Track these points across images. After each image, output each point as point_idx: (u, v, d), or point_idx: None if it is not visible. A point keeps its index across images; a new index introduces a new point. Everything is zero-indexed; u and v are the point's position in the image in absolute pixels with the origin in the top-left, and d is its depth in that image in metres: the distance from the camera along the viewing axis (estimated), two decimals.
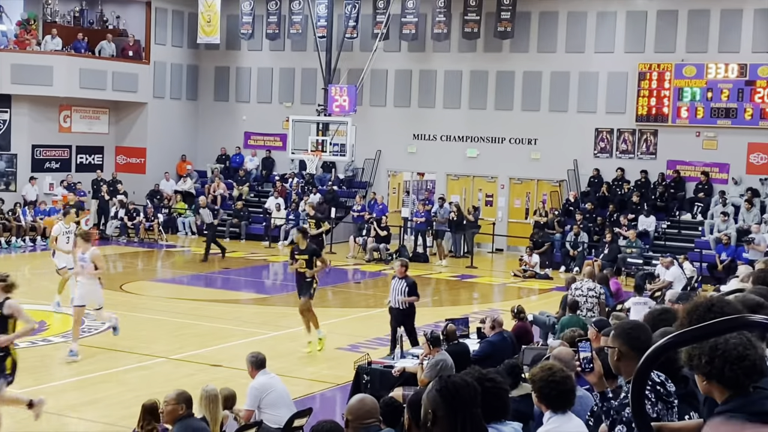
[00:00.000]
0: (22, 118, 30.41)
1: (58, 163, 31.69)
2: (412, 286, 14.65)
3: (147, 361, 14.75)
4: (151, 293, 21.46)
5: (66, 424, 11.57)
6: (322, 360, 15.18)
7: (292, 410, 10.18)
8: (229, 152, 34.29)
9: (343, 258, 27.81)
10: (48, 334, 16.55)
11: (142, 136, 33.29)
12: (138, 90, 32.61)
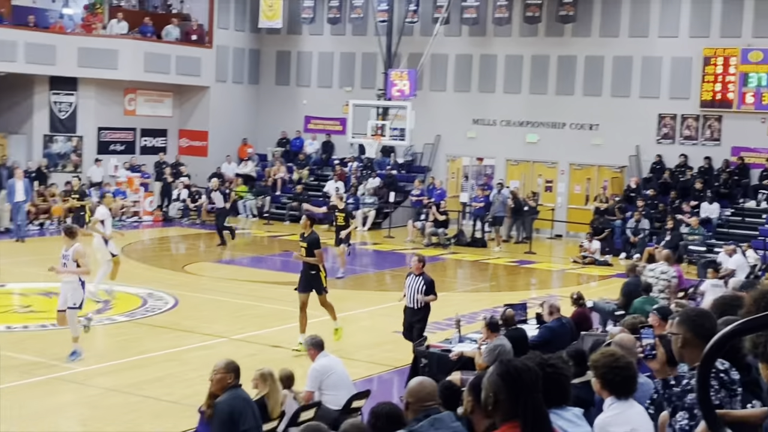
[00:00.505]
0: (88, 101, 30.94)
1: (122, 146, 32.20)
2: (430, 284, 13.61)
3: (209, 341, 14.97)
4: (212, 274, 21.74)
5: (131, 402, 11.82)
6: (381, 343, 15.26)
7: (352, 392, 10.28)
8: (289, 136, 34.51)
9: (401, 242, 27.87)
10: (112, 313, 16.86)
11: (205, 120, 33.67)
12: (201, 74, 32.97)
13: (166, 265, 22.93)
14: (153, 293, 18.57)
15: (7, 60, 28.15)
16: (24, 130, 30.61)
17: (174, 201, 31.15)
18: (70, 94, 30.68)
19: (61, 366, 13.15)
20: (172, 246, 26.84)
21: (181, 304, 17.79)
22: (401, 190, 31.17)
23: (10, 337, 14.80)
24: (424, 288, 13.47)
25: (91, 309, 16.84)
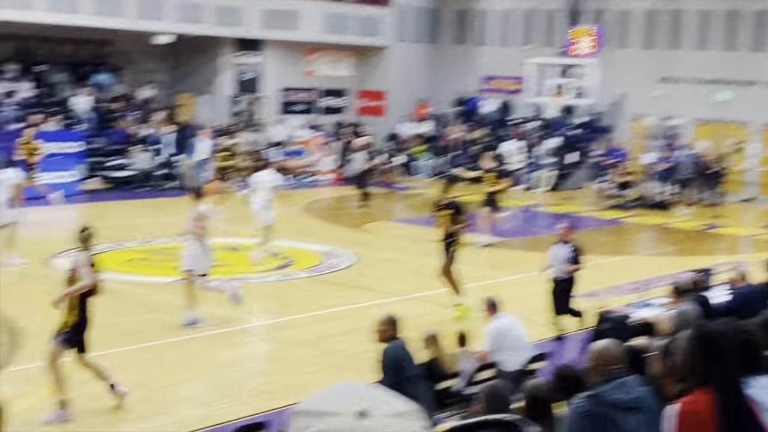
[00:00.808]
0: (272, 62, 31.69)
1: (304, 106, 32.86)
2: (578, 252, 12.90)
3: (385, 299, 15.10)
4: (389, 233, 21.94)
5: (311, 356, 12.06)
6: None
7: (529, 353, 10.14)
8: (466, 95, 34.30)
9: (580, 204, 27.30)
10: (293, 269, 17.26)
11: (383, 80, 33.88)
12: (380, 34, 33.14)
13: (346, 223, 23.29)
14: (333, 251, 18.91)
15: (195, 22, 29.12)
16: (210, 91, 31.67)
17: (353, 160, 31.53)
18: (255, 55, 31.49)
19: (244, 319, 13.57)
20: (350, 205, 27.22)
21: (360, 262, 18.03)
22: (581, 150, 30.48)
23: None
24: (571, 257, 12.83)
25: (273, 265, 17.33)
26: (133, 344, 12.07)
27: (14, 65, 28.65)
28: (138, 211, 23.44)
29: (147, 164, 27.02)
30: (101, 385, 9.84)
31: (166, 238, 19.15)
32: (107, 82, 29.98)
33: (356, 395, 1.73)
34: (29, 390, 10.14)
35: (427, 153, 32.47)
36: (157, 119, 29.32)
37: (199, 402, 10.15)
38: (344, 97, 34.07)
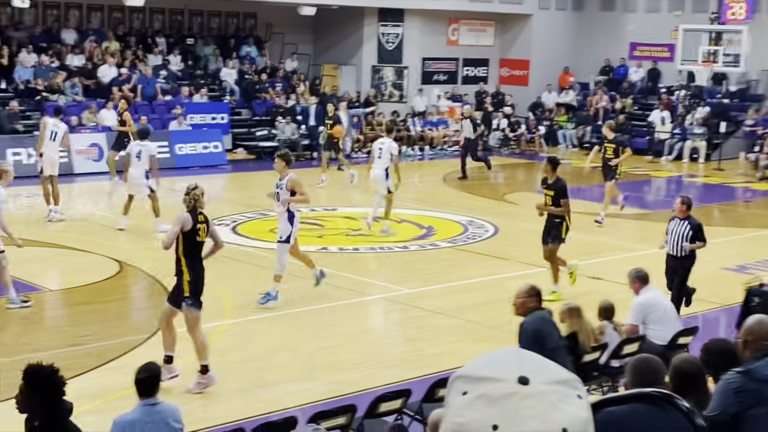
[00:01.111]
0: (413, 32, 31.67)
1: (445, 76, 32.77)
2: (697, 229, 11.99)
3: (529, 270, 14.96)
4: (531, 203, 21.63)
5: (453, 325, 12.09)
6: (708, 279, 14.54)
7: (677, 328, 9.88)
8: (613, 63, 33.49)
9: (732, 175, 26.35)
10: (435, 238, 17.30)
11: (526, 49, 33.42)
12: (524, 2, 32.67)
13: (486, 194, 23.16)
14: (474, 221, 18.85)
15: None
16: (354, 62, 31.93)
17: (494, 131, 31.34)
18: (397, 26, 31.55)
19: (389, 287, 13.69)
20: (491, 175, 27.04)
21: (501, 233, 17.92)
22: (733, 119, 29.37)
23: (342, 258, 15.61)
24: (690, 234, 11.88)
25: (415, 234, 17.37)
26: (277, 311, 12.34)
27: (164, 39, 29.58)
28: None
29: (291, 135, 27.50)
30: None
31: (308, 209, 19.46)
32: (253, 54, 30.62)
33: (517, 361, 1.69)
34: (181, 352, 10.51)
35: (570, 122, 31.92)
36: (301, 90, 29.79)
37: (344, 368, 10.31)
38: (486, 67, 33.79)
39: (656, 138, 29.65)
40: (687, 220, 12.00)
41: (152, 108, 26.61)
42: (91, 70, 26.78)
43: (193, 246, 9.45)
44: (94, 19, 28.94)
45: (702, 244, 12.02)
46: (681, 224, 11.99)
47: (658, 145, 29.53)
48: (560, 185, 13.27)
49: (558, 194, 13.18)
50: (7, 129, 23.23)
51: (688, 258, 12.01)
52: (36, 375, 5.49)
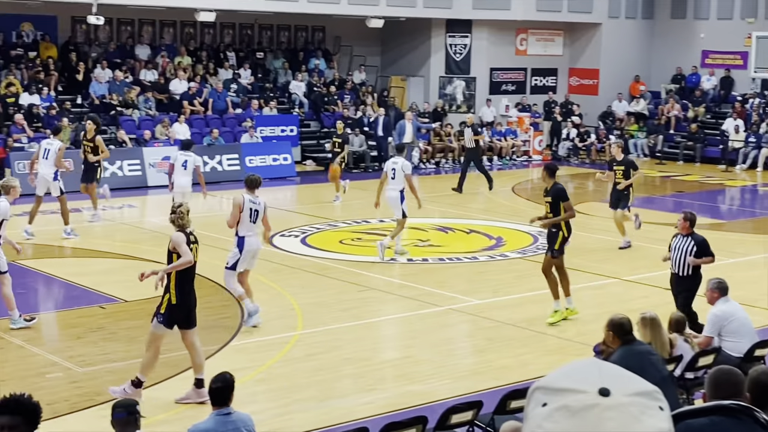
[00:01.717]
0: (481, 43, 31.62)
1: (513, 86, 32.64)
2: (702, 244, 11.25)
3: (600, 281, 14.84)
4: (601, 214, 21.45)
5: (523, 337, 12.00)
6: None
7: (754, 339, 9.68)
8: (684, 72, 33.02)
9: None
10: (504, 249, 17.21)
11: (596, 57, 33.13)
12: (593, 11, 32.41)
13: None
14: (543, 231, 18.69)
15: (407, 5, 29.45)
16: (422, 73, 31.99)
17: (563, 140, 31.13)
18: (465, 36, 31.53)
19: (459, 298, 13.66)
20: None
21: (571, 243, 17.73)
22: None
23: (411, 269, 15.61)
24: (695, 251, 11.16)
25: (483, 245, 17.30)
26: (349, 321, 12.40)
27: (234, 53, 29.99)
28: (349, 192, 24.00)
29: (359, 146, 27.64)
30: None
31: (376, 219, 19.56)
32: (321, 67, 30.87)
33: (597, 373, 1.69)
34: (254, 363, 10.62)
35: (642, 131, 31.54)
36: (369, 102, 29.92)
37: (414, 379, 10.31)
38: (555, 76, 33.58)
39: (730, 147, 29.14)
40: (691, 237, 11.31)
41: (223, 121, 26.98)
42: (164, 85, 27.27)
43: (184, 268, 9.29)
44: (166, 34, 29.47)
45: (709, 259, 11.36)
46: (684, 241, 11.31)
47: (732, 154, 29.02)
48: (556, 189, 12.33)
49: (556, 199, 12.25)
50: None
51: (692, 278, 11.27)
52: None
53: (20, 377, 9.82)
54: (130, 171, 23.38)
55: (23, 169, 22.02)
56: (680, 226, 11.44)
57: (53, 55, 26.82)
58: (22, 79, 25.51)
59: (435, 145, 29.01)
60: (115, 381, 9.82)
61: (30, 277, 14.35)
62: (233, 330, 11.79)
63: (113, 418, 6.07)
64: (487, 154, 29.69)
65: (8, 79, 25.11)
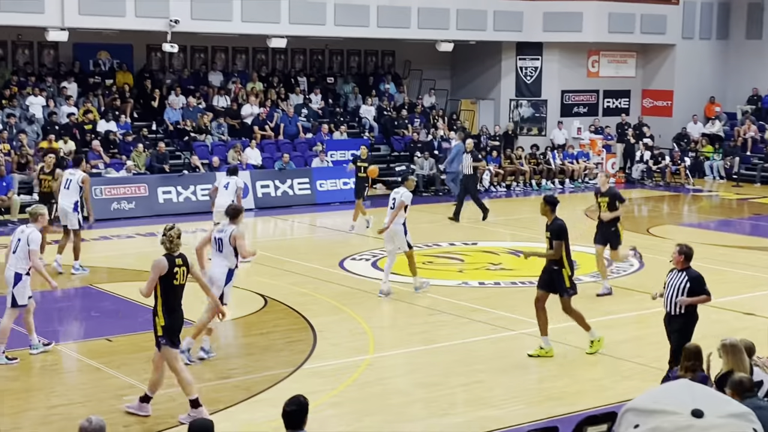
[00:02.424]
0: (552, 65, 31.46)
1: (585, 108, 32.38)
2: (697, 281, 10.30)
3: None
4: (677, 237, 21.08)
5: (597, 361, 11.81)
6: None
7: None
8: (761, 92, 32.41)
9: None
10: (578, 273, 16.97)
11: (669, 79, 32.71)
12: (666, 32, 32.04)
13: (629, 227, 22.62)
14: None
15: (478, 29, 29.48)
16: (492, 96, 31.92)
17: (637, 162, 30.73)
18: (536, 59, 31.40)
19: (531, 322, 13.48)
20: (635, 208, 26.47)
21: (646, 267, 17.48)
22: None
23: (483, 293, 15.51)
24: (688, 287, 10.25)
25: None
26: (420, 345, 12.35)
27: (305, 78, 30.28)
28: (420, 215, 23.99)
29: (429, 170, 27.63)
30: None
31: (447, 243, 19.51)
32: (392, 91, 30.99)
33: (690, 394, 1.63)
34: (326, 386, 10.62)
35: (717, 153, 30.99)
36: (439, 125, 29.93)
37: (487, 404, 10.20)
38: (627, 98, 33.23)
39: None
40: (686, 272, 10.34)
41: (294, 146, 27.22)
42: (236, 111, 27.64)
43: (169, 290, 9.33)
44: (239, 61, 29.90)
45: (704, 298, 10.39)
46: (678, 276, 10.35)
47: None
48: (556, 225, 11.73)
49: (553, 236, 11.72)
50: (156, 169, 24.15)
51: (683, 316, 10.29)
52: None
53: (98, 399, 9.96)
54: (203, 196, 23.68)
55: (100, 194, 22.51)
56: (674, 260, 10.47)
57: (129, 83, 27.39)
58: (99, 106, 26.08)
59: (506, 168, 28.87)
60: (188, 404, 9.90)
61: (105, 300, 14.59)
62: (305, 353, 11.82)
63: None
64: (559, 177, 29.48)
65: (86, 106, 25.70)
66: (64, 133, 24.43)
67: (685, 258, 10.38)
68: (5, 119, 24.33)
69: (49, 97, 25.52)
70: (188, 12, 24.99)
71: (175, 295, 9.40)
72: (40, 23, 23.79)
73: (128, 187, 23.07)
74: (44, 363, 10.60)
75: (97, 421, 5.92)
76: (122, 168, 23.89)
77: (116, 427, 8.95)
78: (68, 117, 25.01)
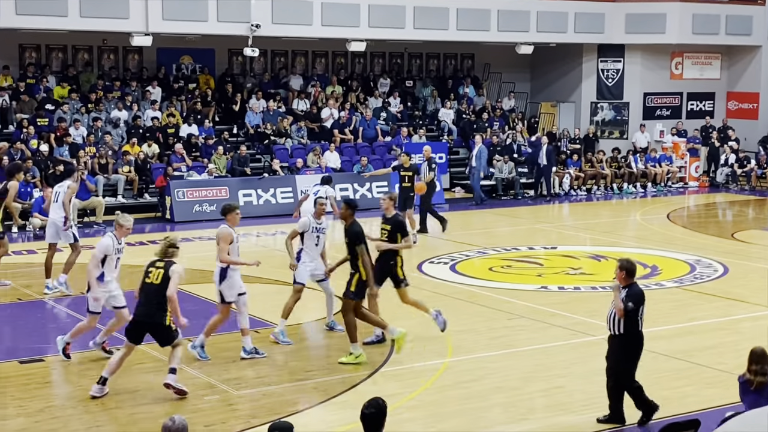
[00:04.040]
0: (634, 67, 31.02)
1: (668, 110, 31.84)
2: (634, 298, 9.43)
3: (758, 312, 14.20)
4: (763, 242, 20.62)
5: (680, 369, 11.59)
6: None
7: None
8: None
9: None
10: (660, 278, 16.72)
11: (755, 81, 31.97)
12: (752, 33, 31.33)
13: (714, 231, 22.23)
14: (701, 260, 18.11)
15: (558, 31, 29.22)
16: (572, 98, 31.59)
17: (721, 166, 30.09)
18: (617, 61, 30.99)
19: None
20: (719, 212, 25.97)
21: (731, 272, 17.10)
22: None
23: (563, 297, 15.35)
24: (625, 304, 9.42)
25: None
26: (498, 349, 12.27)
27: (385, 81, 30.35)
28: (500, 219, 23.88)
29: (508, 173, 27.46)
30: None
31: (526, 247, 19.37)
32: (471, 94, 30.88)
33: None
34: (404, 389, 10.62)
35: None
36: (519, 129, 29.73)
37: (566, 409, 10.08)
38: (712, 100, 32.56)
39: None
40: (628, 289, 9.52)
41: (372, 149, 27.30)
42: (316, 114, 27.83)
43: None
44: (318, 65, 30.11)
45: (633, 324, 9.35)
46: (621, 293, 9.51)
47: None
48: (353, 231, 11.40)
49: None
50: (236, 172, 24.45)
51: (624, 338, 9.47)
52: None
53: (180, 399, 10.10)
54: (283, 198, 23.91)
55: (182, 196, 22.88)
56: (616, 276, 9.62)
57: (211, 87, 27.79)
58: (182, 110, 26.52)
59: (587, 171, 28.53)
60: (271, 404, 9.99)
61: (186, 301, 14.79)
62: (383, 356, 11.83)
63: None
64: (641, 181, 29.03)
65: (169, 110, 26.16)
66: (149, 137, 24.91)
67: (626, 273, 9.51)
68: (91, 123, 24.89)
69: (133, 102, 26.03)
70: (269, 16, 25.27)
71: (142, 291, 10.24)
72: (125, 29, 24.30)
73: (209, 189, 23.40)
74: (128, 364, 10.79)
75: (179, 420, 5.99)
76: (204, 171, 24.25)
77: (197, 426, 9.07)
78: (152, 121, 25.48)
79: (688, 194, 28.75)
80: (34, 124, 24.01)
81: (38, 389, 10.65)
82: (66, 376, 11.28)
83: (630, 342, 9.44)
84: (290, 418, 8.88)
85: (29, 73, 25.96)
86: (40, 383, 10.93)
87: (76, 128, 24.32)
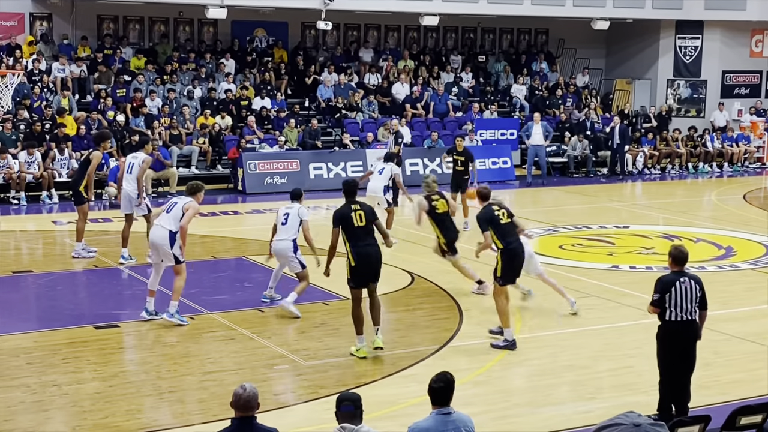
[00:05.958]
0: (713, 44, 30.38)
1: (747, 89, 31.14)
2: (658, 285, 8.74)
3: None
4: None
5: (755, 352, 11.39)
6: None
7: None
8: None
9: None
10: (735, 259, 16.43)
11: None
12: None
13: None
14: None
15: (635, 6, 28.73)
16: (648, 75, 31.07)
17: None
18: (696, 38, 30.37)
19: None
20: None
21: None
22: None
23: (634, 277, 15.17)
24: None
25: (712, 255, 16.59)
26: (568, 328, 12.19)
27: (457, 56, 30.18)
28: (571, 197, 23.66)
29: (581, 151, 27.15)
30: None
31: (598, 225, 19.17)
32: (545, 71, 30.55)
33: None
34: (472, 365, 10.62)
35: None
36: (593, 106, 29.35)
37: (635, 390, 9.99)
38: None
39: None
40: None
41: (443, 124, 27.20)
42: (387, 88, 27.81)
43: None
44: (390, 38, 30.06)
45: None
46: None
47: None
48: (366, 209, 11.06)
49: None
50: (308, 145, 24.58)
51: (658, 327, 8.82)
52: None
53: (251, 367, 10.25)
54: (353, 172, 23.98)
55: (254, 168, 23.09)
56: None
57: (284, 60, 27.93)
58: (255, 83, 26.71)
59: (661, 150, 28.08)
60: (338, 375, 10.08)
61: (257, 271, 14.98)
62: (451, 331, 11.83)
63: (339, 410, 6.18)
64: (717, 161, 28.49)
65: (243, 83, 26.37)
66: (222, 109, 25.16)
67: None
68: (166, 94, 25.22)
69: (207, 74, 26.30)
70: None
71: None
72: (201, 1, 24.53)
73: (281, 162, 23.58)
74: (199, 331, 10.95)
75: (250, 388, 6.07)
76: (275, 144, 24.42)
77: (267, 395, 9.19)
78: (225, 93, 25.72)
79: (765, 175, 28.14)
80: (113, 96, 24.41)
81: (113, 354, 10.90)
82: (140, 341, 11.51)
83: (659, 332, 8.89)
84: (358, 390, 8.94)
85: (106, 44, 26.37)
86: (115, 348, 11.18)
87: (152, 99, 24.67)
